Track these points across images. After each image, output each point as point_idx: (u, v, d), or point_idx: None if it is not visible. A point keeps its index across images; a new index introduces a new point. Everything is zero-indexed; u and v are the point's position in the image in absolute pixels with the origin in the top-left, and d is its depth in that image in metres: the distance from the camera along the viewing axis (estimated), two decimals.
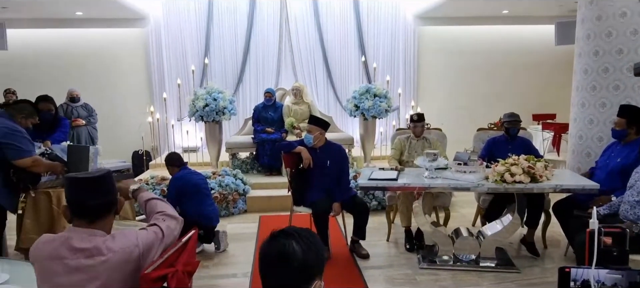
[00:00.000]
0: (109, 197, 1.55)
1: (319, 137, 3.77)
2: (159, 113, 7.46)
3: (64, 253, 1.45)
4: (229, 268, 3.70)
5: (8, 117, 3.13)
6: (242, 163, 6.29)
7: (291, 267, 1.17)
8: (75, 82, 6.78)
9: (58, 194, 3.44)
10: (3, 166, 3.03)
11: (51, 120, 4.00)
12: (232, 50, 7.88)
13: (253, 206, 5.34)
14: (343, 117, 7.96)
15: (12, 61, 7.36)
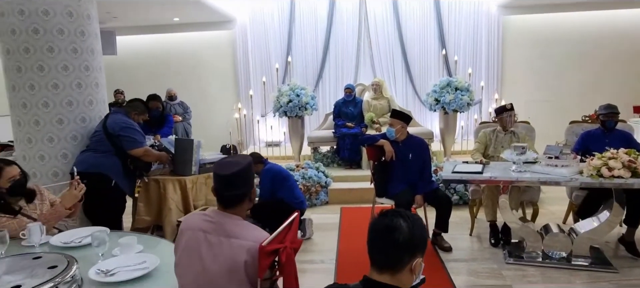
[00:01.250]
0: (239, 191, 1.73)
1: (400, 130, 3.83)
2: (245, 109, 7.95)
3: (207, 228, 1.70)
4: (315, 255, 3.90)
5: (124, 114, 3.59)
6: (323, 156, 6.51)
7: (397, 240, 1.30)
8: (172, 82, 7.45)
9: (164, 182, 3.86)
10: (123, 156, 3.47)
11: (159, 117, 4.48)
12: (313, 48, 8.15)
13: (334, 198, 5.52)
14: (422, 111, 7.89)
15: (121, 65, 8.24)
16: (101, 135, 3.44)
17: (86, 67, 3.66)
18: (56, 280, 1.58)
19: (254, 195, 1.82)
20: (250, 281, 1.65)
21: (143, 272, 1.78)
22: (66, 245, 2.16)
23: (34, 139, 3.55)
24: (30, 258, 1.82)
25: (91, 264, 1.85)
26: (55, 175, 3.58)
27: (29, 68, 3.44)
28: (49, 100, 3.50)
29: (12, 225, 2.29)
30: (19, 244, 2.18)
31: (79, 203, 2.63)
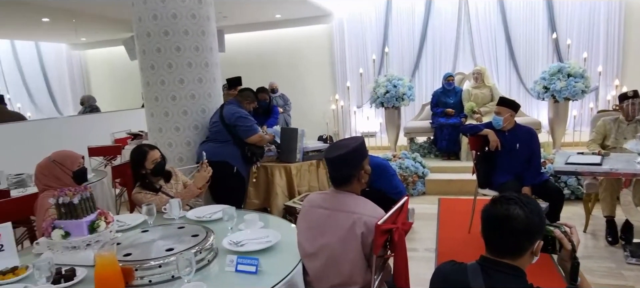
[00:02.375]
0: (346, 172, 1.86)
1: (508, 119, 3.69)
2: (342, 100, 8.15)
3: (327, 204, 1.87)
4: (415, 243, 3.95)
5: (237, 104, 3.93)
6: (420, 147, 6.46)
7: (515, 228, 1.30)
8: (273, 75, 7.90)
9: (272, 169, 4.17)
10: (241, 145, 3.82)
11: (266, 108, 4.82)
12: (410, 38, 8.07)
13: (432, 188, 5.47)
14: (527, 100, 7.44)
15: (228, 61, 8.90)
16: (220, 126, 3.80)
17: (206, 64, 4.07)
18: (199, 246, 1.86)
19: (362, 177, 1.91)
20: (366, 255, 1.77)
21: (267, 244, 2.00)
22: (199, 219, 2.49)
23: (164, 128, 4.05)
24: (175, 228, 2.14)
25: (222, 236, 2.11)
26: (181, 160, 4.05)
27: (160, 66, 3.93)
28: (176, 93, 3.96)
29: (156, 200, 2.68)
30: (161, 217, 2.55)
31: (207, 184, 2.97)
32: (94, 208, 2.09)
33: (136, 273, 1.71)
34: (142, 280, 1.72)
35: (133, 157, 2.83)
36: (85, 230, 1.99)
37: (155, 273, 1.73)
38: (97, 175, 4.17)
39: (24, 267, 1.90)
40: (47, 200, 2.24)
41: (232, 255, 1.82)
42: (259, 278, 1.72)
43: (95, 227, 2.02)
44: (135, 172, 2.82)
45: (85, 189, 2.07)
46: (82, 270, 1.82)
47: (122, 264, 1.70)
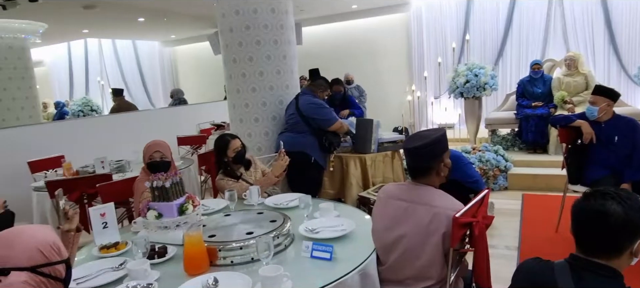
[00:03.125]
0: (424, 163, 1.83)
1: (605, 109, 3.37)
2: (418, 91, 7.96)
3: (403, 196, 1.85)
4: (494, 240, 3.77)
5: (311, 94, 3.98)
6: (502, 139, 6.12)
7: (610, 225, 1.18)
8: (349, 66, 7.91)
9: (346, 159, 4.19)
10: (318, 135, 3.88)
11: (342, 99, 4.85)
12: (493, 24, 7.64)
13: (515, 183, 5.17)
14: (630, 88, 6.72)
15: (304, 53, 9.07)
16: (296, 117, 3.89)
17: (284, 56, 4.19)
18: (277, 232, 1.94)
19: (442, 170, 1.86)
20: (444, 248, 1.73)
21: (342, 233, 2.03)
22: (276, 206, 2.59)
23: (244, 119, 4.25)
24: (255, 213, 2.26)
25: (298, 223, 2.18)
26: (259, 149, 4.23)
27: (241, 59, 4.11)
28: (256, 85, 4.13)
29: (237, 187, 2.84)
30: (242, 203, 2.69)
31: (284, 172, 3.08)
32: (183, 192, 2.27)
33: (220, 253, 1.83)
34: (225, 260, 1.83)
35: (216, 146, 3.01)
36: (175, 212, 2.16)
37: (236, 254, 1.84)
38: (184, 163, 4.50)
39: (124, 242, 2.11)
40: (143, 183, 2.46)
41: (307, 242, 1.88)
42: (333, 265, 1.76)
43: (184, 209, 2.19)
44: (218, 160, 2.99)
45: (176, 174, 2.25)
46: (172, 248, 1.99)
47: (207, 244, 1.83)
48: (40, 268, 1.10)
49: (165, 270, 1.82)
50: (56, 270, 1.14)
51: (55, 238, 1.18)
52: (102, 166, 4.04)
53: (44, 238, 1.14)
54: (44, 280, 1.11)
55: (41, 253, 1.12)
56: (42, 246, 1.13)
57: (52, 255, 1.14)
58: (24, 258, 1.09)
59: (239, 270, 1.74)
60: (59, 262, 1.15)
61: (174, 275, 1.76)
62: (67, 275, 1.19)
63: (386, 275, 1.88)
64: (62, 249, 1.18)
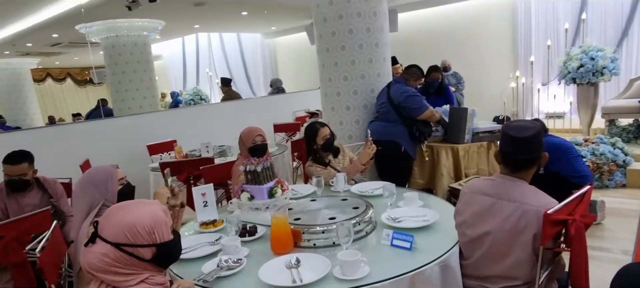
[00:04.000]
0: (533, 155, 1.69)
1: None
2: (523, 77, 7.38)
3: (491, 192, 1.75)
4: (607, 243, 3.40)
5: (403, 82, 3.92)
6: (622, 131, 5.44)
7: None
8: (446, 52, 7.60)
9: (438, 149, 4.06)
10: (408, 124, 3.83)
11: (438, 88, 4.69)
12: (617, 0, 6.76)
13: (634, 181, 4.58)
14: None
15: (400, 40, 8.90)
16: (387, 106, 3.87)
17: (376, 44, 4.18)
18: (358, 218, 1.98)
19: (543, 161, 1.74)
20: (534, 247, 1.63)
21: (424, 223, 2.01)
22: (361, 193, 2.63)
23: (336, 107, 4.33)
24: (339, 200, 2.32)
25: (381, 211, 2.20)
26: (350, 137, 4.29)
27: (334, 48, 4.19)
28: (348, 74, 4.19)
29: (325, 173, 2.93)
30: (329, 189, 2.78)
31: (371, 160, 3.10)
32: (273, 176, 2.41)
33: (303, 236, 1.93)
34: (308, 243, 1.92)
35: (306, 134, 3.13)
36: (266, 195, 2.30)
37: (319, 238, 1.92)
38: (279, 149, 4.73)
39: (221, 220, 2.32)
40: (239, 167, 2.66)
41: (388, 230, 1.89)
42: (413, 254, 1.75)
43: (273, 193, 2.32)
44: (308, 147, 3.11)
45: (267, 160, 2.40)
46: (262, 228, 2.14)
47: (292, 226, 1.94)
48: (122, 247, 1.20)
49: (254, 247, 1.97)
50: (139, 252, 1.22)
51: (155, 223, 1.24)
52: (206, 150, 4.43)
53: (137, 221, 1.22)
54: (125, 257, 1.20)
55: (126, 235, 1.20)
56: (129, 228, 1.21)
57: (139, 239, 1.21)
58: (111, 233, 1.21)
59: (321, 253, 1.81)
60: (144, 245, 1.22)
61: (261, 253, 1.90)
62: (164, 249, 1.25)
63: (469, 270, 1.81)
64: (160, 233, 1.24)
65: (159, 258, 1.25)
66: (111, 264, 1.20)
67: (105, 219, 1.25)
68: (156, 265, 1.27)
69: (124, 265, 1.21)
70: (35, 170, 2.90)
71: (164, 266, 1.32)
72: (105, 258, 1.19)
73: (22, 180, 2.81)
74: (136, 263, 1.22)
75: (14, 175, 2.78)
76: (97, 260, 1.19)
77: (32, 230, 2.21)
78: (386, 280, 1.57)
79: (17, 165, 2.77)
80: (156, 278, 1.27)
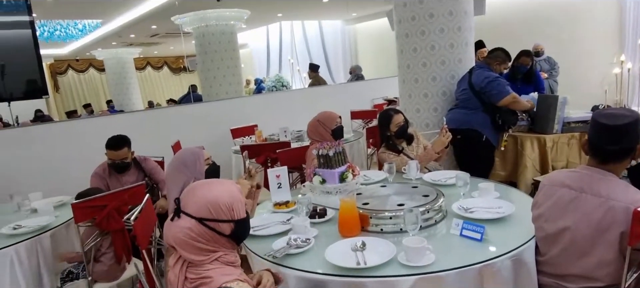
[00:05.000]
0: (627, 145, 1.56)
1: None
2: (630, 62, 6.62)
3: (574, 185, 1.63)
4: None
5: (486, 67, 3.70)
6: None
7: None
8: (539, 36, 7.04)
9: (522, 139, 3.80)
10: (491, 112, 3.64)
11: (527, 73, 4.39)
12: None
13: None
14: None
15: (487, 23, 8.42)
16: (469, 93, 3.70)
17: (459, 28, 4.01)
18: (428, 206, 1.95)
19: (638, 154, 1.58)
20: (621, 247, 1.50)
21: (498, 215, 1.92)
22: (434, 182, 2.57)
23: (413, 94, 4.24)
24: (410, 187, 2.30)
25: (453, 200, 2.14)
26: (427, 125, 4.19)
27: (413, 33, 4.09)
28: (427, 60, 4.07)
29: (397, 160, 2.90)
30: (400, 177, 2.75)
31: (446, 149, 3.01)
32: (345, 161, 2.45)
33: (371, 220, 1.94)
34: (376, 228, 1.93)
35: (380, 120, 3.12)
36: (337, 179, 2.35)
37: (387, 223, 1.92)
38: (355, 136, 4.75)
39: (293, 201, 2.41)
40: (312, 151, 2.74)
41: (458, 219, 1.84)
42: (483, 246, 1.69)
43: (344, 177, 2.36)
44: (382, 133, 3.10)
45: (339, 144, 2.44)
46: (331, 211, 2.19)
47: (361, 211, 1.96)
48: (205, 221, 1.29)
49: (322, 229, 2.03)
50: (219, 227, 1.30)
51: (234, 201, 1.32)
52: (284, 135, 4.60)
53: (218, 197, 1.30)
54: (208, 232, 1.29)
55: (209, 210, 1.28)
56: (212, 204, 1.29)
57: (220, 214, 1.29)
58: (194, 208, 1.30)
59: (388, 238, 1.82)
60: (224, 220, 1.30)
61: (329, 234, 1.96)
62: (240, 225, 1.33)
63: (545, 267, 1.71)
64: (237, 211, 1.32)
65: (236, 234, 1.33)
66: (195, 238, 1.28)
67: (187, 196, 1.34)
68: (233, 240, 1.35)
69: (206, 240, 1.29)
70: (133, 152, 3.24)
71: (239, 242, 1.40)
72: (191, 232, 1.28)
73: (123, 163, 3.15)
74: (216, 238, 1.31)
75: (116, 160, 3.12)
76: (182, 235, 1.28)
77: (129, 202, 2.48)
78: (452, 269, 1.54)
79: (118, 150, 3.10)
80: (228, 257, 1.35)
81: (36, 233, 2.47)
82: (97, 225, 2.39)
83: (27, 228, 2.52)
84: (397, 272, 1.56)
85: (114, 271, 2.52)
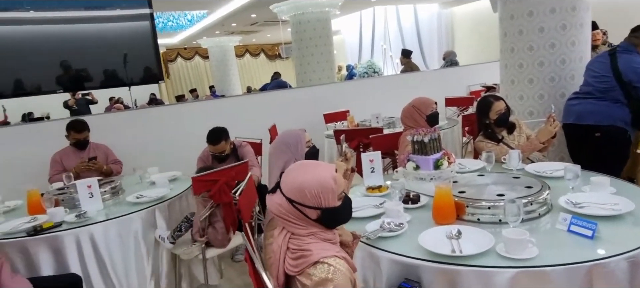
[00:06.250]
0: None
1: None
2: None
3: None
4: None
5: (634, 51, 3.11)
6: None
7: None
8: None
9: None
10: (635, 106, 3.06)
11: None
12: None
13: None
14: None
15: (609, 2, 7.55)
16: (612, 81, 3.10)
17: (573, 8, 3.66)
18: (530, 198, 1.84)
19: None
20: None
21: (614, 212, 1.75)
22: (538, 173, 2.40)
23: (516, 80, 3.98)
24: (510, 177, 2.18)
25: (560, 194, 1.99)
26: (531, 114, 3.91)
27: (519, 14, 3.82)
28: (534, 43, 3.78)
29: (496, 150, 2.76)
30: (500, 167, 2.62)
31: (553, 139, 2.79)
32: (440, 148, 2.39)
33: (467, 209, 1.89)
34: (472, 217, 1.88)
35: (479, 107, 2.98)
36: (431, 166, 2.31)
37: (484, 213, 1.85)
38: (449, 123, 4.59)
39: (386, 186, 2.42)
40: (406, 137, 2.71)
41: (566, 214, 1.71)
42: (594, 244, 1.56)
43: (439, 164, 2.31)
44: (480, 121, 2.96)
45: (435, 131, 2.39)
46: (425, 197, 2.17)
47: (456, 199, 1.91)
48: (292, 202, 1.35)
49: (416, 215, 2.02)
50: (305, 210, 1.34)
51: (322, 189, 1.34)
52: (376, 121, 4.59)
53: (305, 184, 1.34)
54: (295, 211, 1.35)
55: (296, 193, 1.34)
56: (298, 189, 1.33)
57: (305, 199, 1.33)
58: (286, 188, 1.37)
59: (485, 228, 1.75)
60: (311, 207, 1.35)
61: (422, 221, 1.94)
62: (327, 213, 1.36)
63: None
64: (325, 199, 1.34)
65: (323, 220, 1.38)
66: (285, 215, 1.38)
67: (285, 174, 1.43)
68: (321, 225, 1.39)
69: (296, 218, 1.37)
70: (231, 143, 3.48)
71: (328, 227, 1.42)
72: (281, 208, 1.37)
73: (223, 155, 3.43)
74: (304, 219, 1.37)
75: (216, 152, 3.40)
76: (275, 208, 1.39)
77: (236, 178, 2.72)
78: (559, 265, 1.44)
79: (216, 144, 3.38)
80: (325, 234, 1.40)
81: (155, 203, 2.79)
82: (210, 197, 2.65)
83: (148, 198, 2.86)
84: (495, 263, 1.50)
85: (224, 239, 2.77)
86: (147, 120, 4.90)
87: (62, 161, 3.65)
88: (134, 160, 3.94)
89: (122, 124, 4.68)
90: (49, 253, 2.45)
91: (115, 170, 3.78)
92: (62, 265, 2.47)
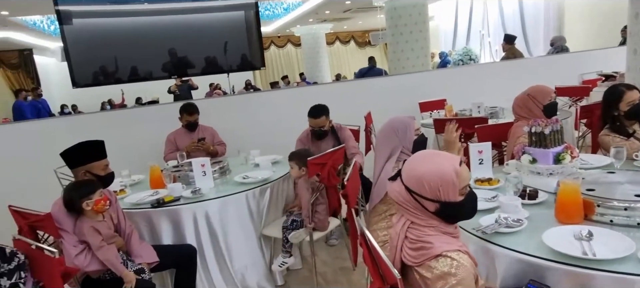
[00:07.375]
0: None
1: None
2: None
3: None
4: None
5: None
6: None
7: None
8: None
9: None
10: None
11: None
12: None
13: None
14: None
15: None
16: None
17: None
18: None
19: None
20: None
21: None
22: None
23: None
24: None
25: None
26: None
27: None
28: None
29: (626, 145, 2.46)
30: (631, 163, 2.34)
31: None
32: (562, 141, 2.20)
33: (597, 209, 1.71)
34: (603, 218, 1.70)
35: (606, 98, 2.68)
36: (551, 160, 2.14)
37: (618, 214, 1.67)
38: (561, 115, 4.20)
39: (496, 179, 2.29)
40: (520, 128, 2.53)
41: None
42: None
43: (561, 158, 2.13)
44: (606, 113, 2.66)
45: (557, 122, 2.20)
46: (543, 193, 2.01)
47: (584, 197, 1.75)
48: (411, 192, 1.33)
49: (534, 211, 1.88)
50: (424, 202, 1.32)
51: (442, 183, 1.30)
52: (478, 110, 4.36)
53: (424, 176, 1.31)
54: (413, 201, 1.33)
55: (415, 183, 1.32)
56: (417, 180, 1.32)
57: (423, 191, 1.31)
58: (405, 176, 1.35)
59: (619, 231, 1.58)
60: (429, 199, 1.31)
61: (543, 218, 1.80)
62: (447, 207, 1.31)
63: None
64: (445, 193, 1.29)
65: (440, 214, 1.33)
66: (403, 203, 1.36)
67: (407, 162, 1.40)
68: (440, 218, 1.35)
69: (414, 208, 1.35)
70: (330, 121, 3.52)
71: (448, 222, 1.37)
72: (399, 196, 1.36)
73: (321, 131, 3.48)
74: (422, 210, 1.34)
75: (316, 127, 3.45)
76: (394, 195, 1.38)
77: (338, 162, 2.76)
78: None
79: (317, 118, 3.45)
80: (445, 228, 1.36)
81: (261, 184, 2.93)
82: (321, 181, 2.74)
83: (253, 179, 3.00)
84: (638, 270, 1.35)
85: (325, 221, 2.83)
86: (246, 104, 5.15)
87: (175, 141, 3.98)
88: (234, 143, 4.16)
89: (223, 108, 4.97)
90: (169, 224, 2.70)
91: (220, 151, 4.03)
92: (180, 236, 2.70)
